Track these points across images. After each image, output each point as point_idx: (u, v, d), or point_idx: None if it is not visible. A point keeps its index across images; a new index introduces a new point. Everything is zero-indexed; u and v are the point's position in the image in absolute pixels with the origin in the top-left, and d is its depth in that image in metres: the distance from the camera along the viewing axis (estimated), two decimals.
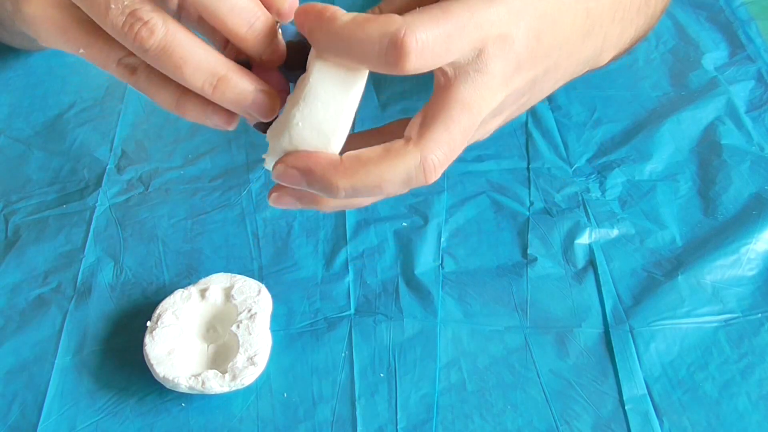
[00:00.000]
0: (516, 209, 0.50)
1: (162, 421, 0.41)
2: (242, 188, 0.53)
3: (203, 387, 0.40)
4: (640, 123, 0.56)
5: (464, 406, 0.41)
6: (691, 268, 0.46)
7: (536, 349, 0.43)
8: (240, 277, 0.45)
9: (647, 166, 0.53)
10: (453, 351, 0.43)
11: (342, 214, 0.51)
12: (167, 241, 0.50)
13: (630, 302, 0.45)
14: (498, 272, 0.47)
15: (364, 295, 0.46)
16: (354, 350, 0.43)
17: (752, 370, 0.42)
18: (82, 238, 0.50)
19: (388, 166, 0.33)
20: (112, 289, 0.47)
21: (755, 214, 0.49)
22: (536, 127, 0.56)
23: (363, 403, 0.41)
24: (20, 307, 0.46)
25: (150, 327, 0.43)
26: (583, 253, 0.48)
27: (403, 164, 0.33)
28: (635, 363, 0.42)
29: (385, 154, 0.33)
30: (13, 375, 0.43)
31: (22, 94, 0.60)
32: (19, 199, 0.53)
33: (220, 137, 0.56)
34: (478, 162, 0.54)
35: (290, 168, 0.34)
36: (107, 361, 0.44)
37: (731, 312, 0.44)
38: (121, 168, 0.54)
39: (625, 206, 0.50)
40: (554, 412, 0.40)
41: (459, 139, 0.33)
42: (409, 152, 0.33)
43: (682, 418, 0.40)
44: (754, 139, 0.54)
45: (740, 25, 0.63)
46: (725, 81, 0.58)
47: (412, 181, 0.33)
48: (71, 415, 0.41)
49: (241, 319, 0.43)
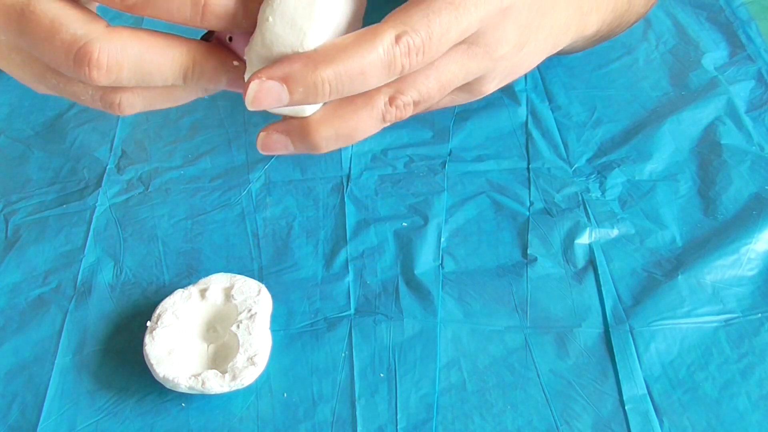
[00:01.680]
0: (516, 209, 0.50)
1: (162, 421, 0.41)
2: (242, 188, 0.53)
3: (203, 387, 0.40)
4: (640, 123, 0.56)
5: (464, 406, 0.41)
6: (691, 268, 0.46)
7: (536, 349, 0.43)
8: (240, 277, 0.45)
9: (647, 166, 0.53)
10: (453, 351, 0.43)
11: (342, 214, 0.51)
12: (167, 241, 0.50)
13: (630, 302, 0.45)
14: (498, 272, 0.47)
15: (364, 295, 0.46)
16: (354, 350, 0.43)
17: (752, 370, 0.42)
18: (82, 238, 0.50)
19: (365, 45, 0.31)
20: (112, 289, 0.47)
21: (755, 214, 0.49)
22: (536, 127, 0.56)
23: (363, 403, 0.41)
24: (20, 307, 0.46)
25: (150, 327, 0.43)
26: (583, 253, 0.48)
27: (380, 41, 0.31)
28: (635, 363, 0.42)
29: (362, 35, 0.31)
30: (13, 375, 0.43)
31: (22, 94, 0.60)
32: (19, 199, 0.53)
33: (220, 137, 0.56)
34: (478, 162, 0.54)
35: (267, 81, 0.31)
36: (107, 361, 0.44)
37: (731, 312, 0.44)
38: (121, 168, 0.54)
39: (625, 206, 0.50)
40: (554, 412, 0.40)
41: (437, 30, 0.32)
42: (384, 30, 0.31)
43: (682, 418, 0.40)
44: (754, 139, 0.54)
45: (740, 25, 0.63)
46: (725, 81, 0.58)
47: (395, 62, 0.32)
48: (71, 415, 0.41)
49: (241, 319, 0.43)
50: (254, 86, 0.31)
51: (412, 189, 0.52)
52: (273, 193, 0.52)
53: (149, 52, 0.32)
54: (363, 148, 0.55)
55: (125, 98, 0.34)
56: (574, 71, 0.60)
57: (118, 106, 0.34)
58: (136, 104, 0.34)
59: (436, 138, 0.55)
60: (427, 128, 0.56)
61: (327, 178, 0.53)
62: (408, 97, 0.35)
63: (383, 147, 0.55)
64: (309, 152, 0.35)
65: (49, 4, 0.31)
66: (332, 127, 0.34)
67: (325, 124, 0.34)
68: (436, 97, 0.36)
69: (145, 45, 0.32)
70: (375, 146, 0.55)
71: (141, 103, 0.34)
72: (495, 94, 0.58)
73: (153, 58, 0.32)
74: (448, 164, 0.53)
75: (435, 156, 0.54)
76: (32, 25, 0.31)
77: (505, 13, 0.35)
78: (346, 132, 0.35)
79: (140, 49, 0.32)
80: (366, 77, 0.32)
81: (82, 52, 0.31)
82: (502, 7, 0.34)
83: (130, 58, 0.31)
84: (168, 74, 0.33)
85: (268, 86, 0.31)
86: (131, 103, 0.34)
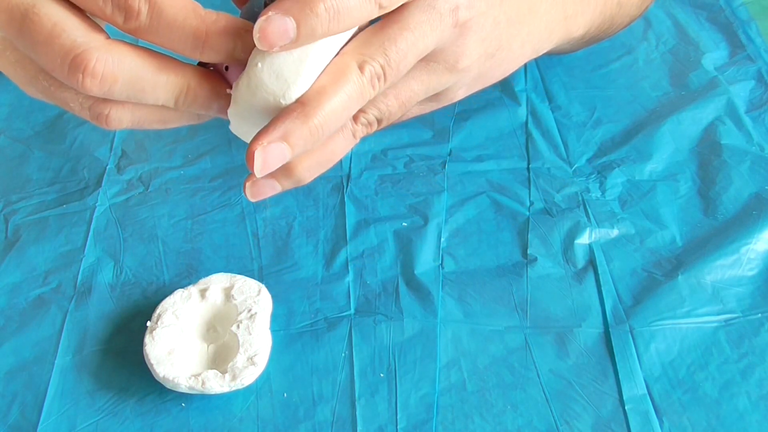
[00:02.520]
0: (516, 209, 0.50)
1: (162, 421, 0.41)
2: (242, 188, 0.53)
3: (203, 387, 0.40)
4: (640, 123, 0.56)
5: (464, 406, 0.41)
6: (691, 268, 0.46)
7: (536, 349, 0.43)
8: (240, 277, 0.45)
9: (647, 166, 0.53)
10: (453, 351, 0.43)
11: (342, 214, 0.51)
12: (167, 241, 0.50)
13: (630, 302, 0.45)
14: (498, 272, 0.47)
15: (364, 295, 0.46)
16: (354, 350, 0.43)
17: (752, 370, 0.42)
18: (82, 238, 0.50)
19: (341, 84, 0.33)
20: (112, 289, 0.47)
21: (755, 214, 0.49)
22: (536, 127, 0.56)
23: (363, 403, 0.41)
24: (20, 307, 0.46)
25: (150, 327, 0.43)
26: (583, 253, 0.48)
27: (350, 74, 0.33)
28: (635, 363, 0.42)
29: (333, 75, 0.33)
30: (13, 375, 0.43)
31: (21, 94, 0.59)
32: (19, 199, 0.53)
33: (220, 137, 0.56)
34: (478, 162, 0.54)
35: (268, 145, 0.32)
36: (107, 361, 0.44)
37: (731, 312, 0.44)
38: (121, 168, 0.54)
39: (625, 206, 0.50)
40: (554, 412, 0.40)
41: (395, 57, 0.33)
42: (348, 62, 0.33)
43: (682, 418, 0.40)
44: (754, 139, 0.54)
45: (740, 25, 0.63)
46: (725, 81, 0.58)
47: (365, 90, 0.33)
48: (71, 415, 0.41)
49: (241, 319, 0.43)
50: (259, 154, 0.32)
51: (412, 189, 0.52)
52: None
53: (145, 70, 0.32)
54: (363, 148, 0.55)
55: (114, 111, 0.34)
56: (574, 71, 0.60)
57: (106, 118, 0.34)
58: (124, 119, 0.35)
59: (436, 138, 0.55)
60: (427, 128, 0.56)
61: (327, 178, 0.53)
62: (370, 116, 0.36)
63: (383, 147, 0.55)
64: (294, 186, 0.37)
65: (53, 8, 0.31)
66: (313, 157, 0.36)
67: (306, 157, 0.35)
68: (397, 114, 0.37)
69: (142, 62, 0.32)
70: (375, 146, 0.55)
71: (129, 119, 0.35)
72: (495, 94, 0.58)
73: (148, 76, 0.32)
74: (448, 164, 0.53)
75: (435, 156, 0.54)
76: (34, 26, 0.31)
77: (463, 29, 0.36)
78: (326, 158, 0.36)
79: (136, 65, 0.32)
80: (348, 110, 0.33)
81: (78, 59, 0.31)
82: (458, 24, 0.35)
83: (125, 72, 0.32)
84: (160, 94, 0.33)
85: (271, 149, 0.32)
86: (119, 117, 0.34)
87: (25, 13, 0.31)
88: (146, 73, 0.32)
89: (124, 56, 0.32)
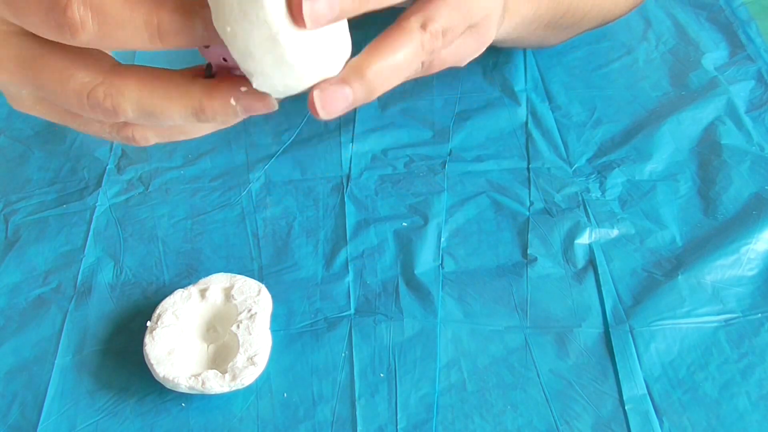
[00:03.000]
0: (516, 209, 0.50)
1: (162, 421, 0.41)
2: (242, 188, 0.53)
3: (203, 387, 0.40)
4: (640, 123, 0.56)
5: (464, 406, 0.41)
6: (691, 268, 0.46)
7: (536, 349, 0.43)
8: (240, 277, 0.45)
9: (647, 166, 0.53)
10: (453, 351, 0.43)
11: (342, 214, 0.51)
12: (167, 241, 0.50)
13: (630, 302, 0.45)
14: (498, 272, 0.47)
15: (364, 295, 0.46)
16: (354, 350, 0.43)
17: (752, 370, 0.42)
18: (82, 238, 0.50)
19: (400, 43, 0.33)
20: (112, 289, 0.47)
21: (755, 214, 0.49)
22: (536, 127, 0.56)
23: (363, 403, 0.41)
24: (20, 307, 0.46)
25: (150, 327, 0.43)
26: (583, 253, 0.48)
27: (410, 38, 0.33)
28: (635, 363, 0.42)
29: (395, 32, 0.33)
30: (13, 375, 0.43)
31: None
32: (19, 199, 0.53)
33: (220, 137, 0.56)
34: (478, 162, 0.54)
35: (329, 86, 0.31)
36: (107, 361, 0.44)
37: (731, 312, 0.44)
38: (121, 168, 0.54)
39: (625, 206, 0.50)
40: (554, 412, 0.40)
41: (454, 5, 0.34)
42: (411, 25, 0.33)
43: (682, 418, 0.40)
44: (754, 139, 0.54)
45: (740, 25, 0.63)
46: (725, 81, 0.58)
47: (424, 47, 0.34)
48: (71, 415, 0.41)
49: (241, 319, 0.43)
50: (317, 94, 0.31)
51: (412, 189, 0.52)
52: (273, 193, 0.52)
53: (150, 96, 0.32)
54: (363, 148, 0.55)
55: (137, 132, 0.35)
56: (574, 71, 0.60)
57: (133, 139, 0.35)
58: (150, 138, 0.36)
59: (436, 138, 0.55)
60: (427, 128, 0.56)
61: (327, 178, 0.53)
62: (437, 25, 0.35)
63: (383, 147, 0.55)
64: (366, 98, 0.34)
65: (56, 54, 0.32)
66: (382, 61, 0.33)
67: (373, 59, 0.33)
68: (457, 30, 0.36)
69: (146, 90, 0.32)
70: (375, 146, 0.55)
71: (154, 137, 0.36)
72: (495, 94, 0.58)
73: (155, 102, 0.32)
74: (448, 164, 0.53)
75: (435, 156, 0.54)
76: (45, 76, 0.32)
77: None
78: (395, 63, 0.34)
79: (140, 95, 0.32)
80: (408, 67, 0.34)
81: (92, 97, 0.32)
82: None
83: (132, 102, 0.32)
84: (175, 116, 0.33)
85: (333, 90, 0.31)
86: (144, 136, 0.36)
87: (34, 60, 0.32)
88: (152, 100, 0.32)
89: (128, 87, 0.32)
